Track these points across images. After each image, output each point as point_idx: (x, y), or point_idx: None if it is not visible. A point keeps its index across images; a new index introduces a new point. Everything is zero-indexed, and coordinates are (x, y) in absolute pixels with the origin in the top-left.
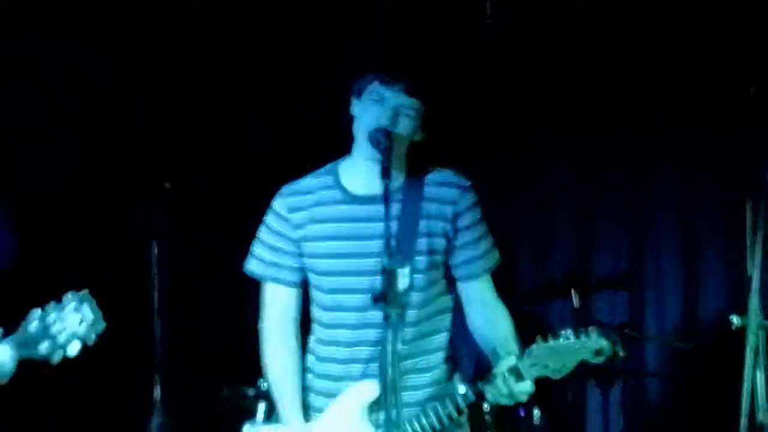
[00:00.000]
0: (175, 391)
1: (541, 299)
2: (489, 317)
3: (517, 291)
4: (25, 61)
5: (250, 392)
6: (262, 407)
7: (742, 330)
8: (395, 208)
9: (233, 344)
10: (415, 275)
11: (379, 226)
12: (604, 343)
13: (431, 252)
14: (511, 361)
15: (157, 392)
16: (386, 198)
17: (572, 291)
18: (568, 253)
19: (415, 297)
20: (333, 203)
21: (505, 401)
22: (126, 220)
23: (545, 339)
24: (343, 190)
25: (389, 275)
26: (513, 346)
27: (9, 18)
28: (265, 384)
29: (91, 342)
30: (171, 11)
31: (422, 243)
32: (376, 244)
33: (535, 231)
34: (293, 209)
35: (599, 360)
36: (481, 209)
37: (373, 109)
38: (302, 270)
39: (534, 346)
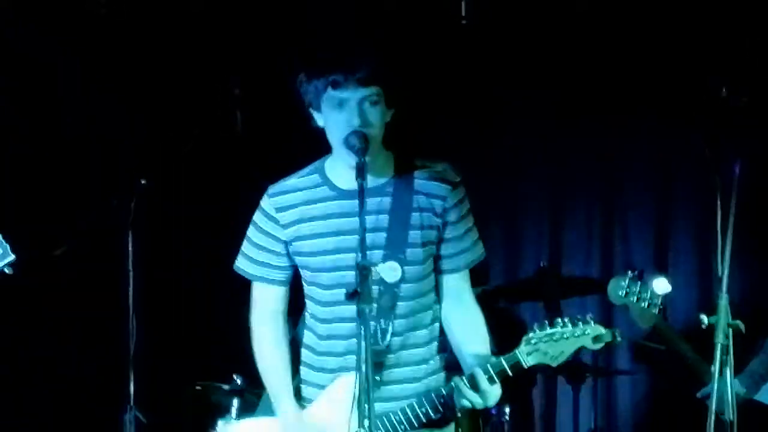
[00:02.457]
0: (149, 385)
1: (512, 298)
2: (465, 314)
3: (489, 287)
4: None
5: (224, 388)
6: (235, 403)
7: (711, 329)
8: (386, 201)
9: (208, 340)
10: (407, 267)
11: (369, 220)
12: (602, 329)
13: (425, 244)
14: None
15: (131, 387)
16: (361, 196)
17: (544, 292)
18: (539, 252)
19: (409, 288)
20: (322, 200)
21: (476, 399)
22: (101, 215)
23: (542, 327)
24: (332, 186)
25: (362, 271)
26: (487, 347)
27: None
28: (239, 381)
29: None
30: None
31: (415, 235)
32: (368, 238)
33: (506, 229)
34: (281, 209)
35: (597, 346)
36: (469, 204)
37: (338, 116)
38: (291, 268)
39: (532, 334)
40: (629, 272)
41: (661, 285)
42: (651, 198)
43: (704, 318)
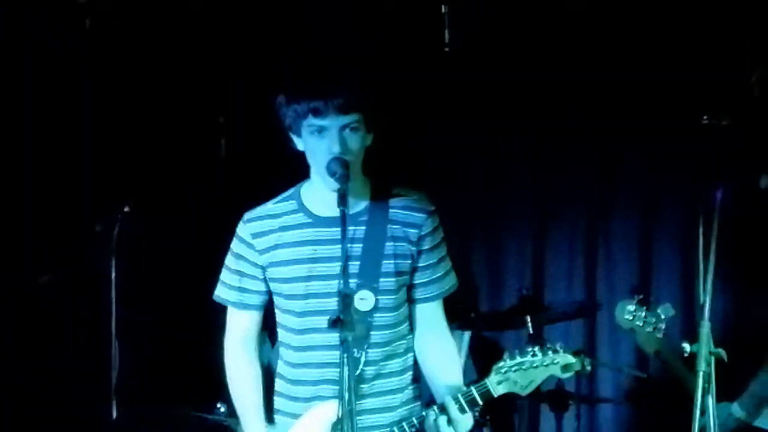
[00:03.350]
0: (132, 414)
1: (496, 325)
2: (438, 345)
3: (475, 316)
4: None
5: (208, 417)
6: None
7: (693, 356)
8: (360, 230)
9: (192, 368)
10: (380, 297)
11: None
12: (571, 358)
13: (399, 273)
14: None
15: (114, 415)
16: (343, 223)
17: (527, 318)
18: (522, 278)
19: (383, 318)
20: (298, 227)
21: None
22: (84, 239)
23: (512, 356)
24: (308, 212)
25: (344, 299)
26: (460, 378)
27: None
28: (223, 409)
29: None
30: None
31: (389, 265)
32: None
33: (488, 256)
34: (257, 235)
35: (567, 375)
36: (443, 233)
37: (318, 142)
38: (267, 294)
39: (501, 363)
40: (635, 296)
41: (665, 310)
42: (635, 224)
43: (686, 346)
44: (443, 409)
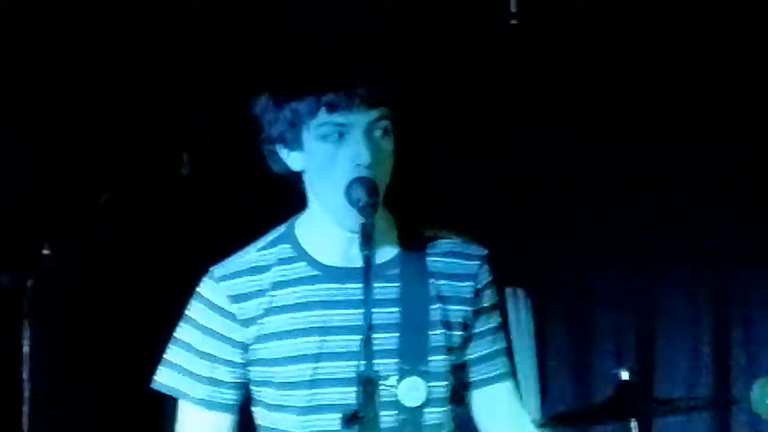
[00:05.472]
0: None
1: (582, 424)
2: None
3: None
4: None
5: None
6: None
7: None
8: (391, 288)
9: None
10: (431, 383)
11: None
12: None
13: (450, 349)
14: None
15: None
16: (366, 274)
17: (630, 417)
18: (619, 359)
19: (434, 415)
20: (300, 282)
21: None
22: None
23: None
24: (312, 261)
25: (366, 386)
26: None
27: None
28: None
29: None
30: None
31: (437, 337)
32: (373, 339)
33: (572, 329)
34: (240, 298)
35: None
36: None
37: (336, 152)
38: (244, 387)
39: None
40: None
41: None
42: None
43: None
44: None
